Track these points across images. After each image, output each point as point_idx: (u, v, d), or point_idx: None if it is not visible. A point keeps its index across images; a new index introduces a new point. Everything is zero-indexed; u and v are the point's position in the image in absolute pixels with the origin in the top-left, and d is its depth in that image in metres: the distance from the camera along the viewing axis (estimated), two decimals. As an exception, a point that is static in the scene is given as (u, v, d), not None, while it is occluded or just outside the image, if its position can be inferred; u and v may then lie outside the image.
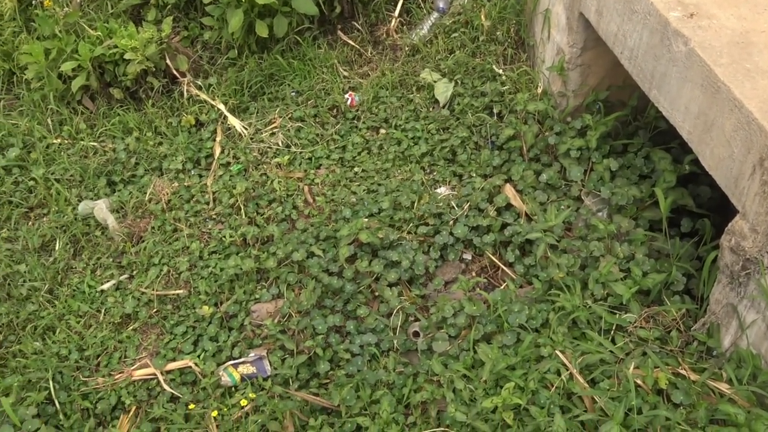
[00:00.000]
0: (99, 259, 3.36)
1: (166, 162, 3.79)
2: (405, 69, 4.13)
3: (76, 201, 3.63)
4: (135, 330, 3.05)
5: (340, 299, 2.96)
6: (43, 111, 4.11)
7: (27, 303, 3.18)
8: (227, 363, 2.84)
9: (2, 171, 3.79)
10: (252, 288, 3.08)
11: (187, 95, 4.12)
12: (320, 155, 3.72)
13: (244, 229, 3.29)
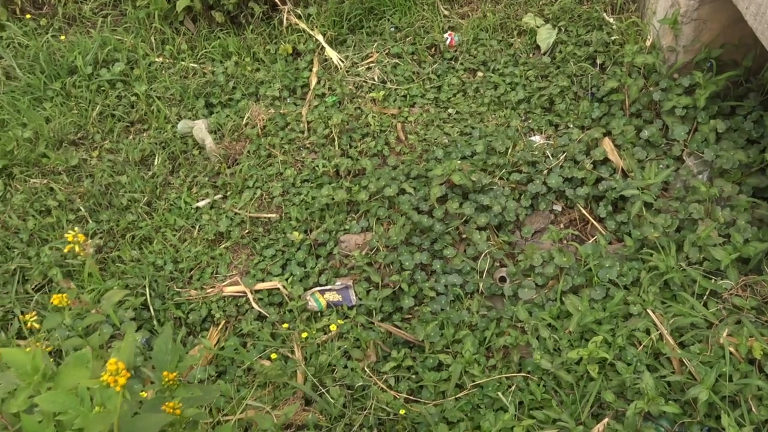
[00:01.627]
0: (195, 177, 3.41)
1: (262, 88, 3.79)
2: (507, 12, 3.99)
3: (176, 119, 3.68)
4: (227, 248, 3.11)
5: (428, 238, 2.94)
6: (147, 29, 4.14)
7: (126, 213, 3.26)
8: (314, 289, 2.87)
9: (107, 85, 3.86)
10: (342, 219, 3.08)
11: (286, 23, 4.08)
12: (415, 93, 3.66)
13: (337, 160, 3.28)
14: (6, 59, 3.97)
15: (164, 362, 1.36)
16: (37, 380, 1.23)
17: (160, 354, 1.35)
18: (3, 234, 3.15)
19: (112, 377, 1.13)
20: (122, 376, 1.14)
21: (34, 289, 2.99)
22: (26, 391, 1.23)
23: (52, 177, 3.41)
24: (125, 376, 1.14)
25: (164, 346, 1.37)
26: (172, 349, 1.36)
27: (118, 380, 1.13)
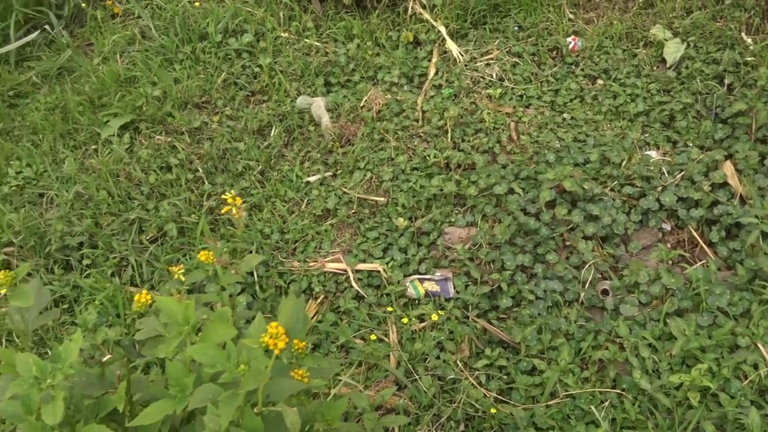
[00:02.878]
0: (308, 153, 3.48)
1: (381, 73, 3.82)
2: (634, 21, 3.89)
3: (295, 94, 3.75)
4: (332, 225, 3.16)
5: (532, 240, 2.91)
6: (277, 4, 4.23)
7: (240, 179, 3.36)
8: (414, 276, 2.89)
9: (234, 54, 3.97)
10: (448, 210, 3.08)
11: (410, 12, 4.09)
12: (532, 94, 3.61)
13: (449, 152, 3.28)
14: (144, 20, 4.14)
15: (295, 330, 1.40)
16: (187, 331, 1.29)
17: (290, 322, 1.39)
18: (126, 185, 3.29)
19: (272, 340, 1.18)
20: (281, 340, 1.18)
21: (149, 239, 3.12)
22: (176, 340, 1.29)
23: (175, 136, 3.54)
24: (284, 340, 1.18)
25: (296, 314, 1.41)
26: (302, 318, 1.40)
27: (278, 344, 1.18)
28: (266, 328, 1.28)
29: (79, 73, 3.91)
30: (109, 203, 3.19)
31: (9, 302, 1.45)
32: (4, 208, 3.21)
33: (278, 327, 1.20)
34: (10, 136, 3.63)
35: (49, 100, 3.77)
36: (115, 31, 4.16)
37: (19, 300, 1.43)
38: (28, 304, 1.42)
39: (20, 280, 1.48)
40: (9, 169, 3.41)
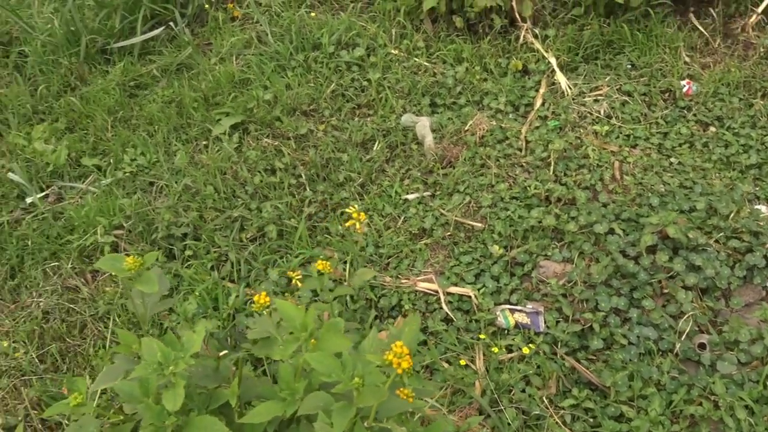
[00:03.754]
0: (409, 170, 3.50)
1: (487, 99, 3.81)
2: (754, 71, 3.77)
3: (400, 111, 3.79)
4: (427, 245, 3.16)
5: (629, 284, 2.84)
6: (390, 21, 4.29)
7: (341, 189, 3.41)
8: (504, 305, 2.86)
9: (344, 66, 4.04)
10: (545, 244, 3.04)
11: (522, 41, 4.08)
12: (639, 135, 3.53)
13: (550, 185, 3.24)
14: (262, 25, 4.26)
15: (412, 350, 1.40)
16: (305, 337, 1.32)
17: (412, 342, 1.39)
18: (232, 183, 3.39)
19: (396, 359, 1.19)
20: (405, 361, 1.19)
21: (248, 238, 3.19)
22: (294, 345, 1.31)
23: (282, 140, 3.63)
24: (408, 361, 1.19)
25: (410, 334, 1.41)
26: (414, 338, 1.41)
27: (402, 363, 1.19)
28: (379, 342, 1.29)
29: (197, 71, 4.05)
30: (215, 199, 3.29)
31: (134, 286, 1.51)
32: (117, 192, 3.35)
33: (402, 347, 1.20)
34: (127, 125, 3.79)
35: (167, 94, 3.92)
36: (233, 33, 4.30)
37: (145, 286, 1.49)
38: (153, 291, 1.48)
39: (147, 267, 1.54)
40: (125, 155, 3.57)
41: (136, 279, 1.50)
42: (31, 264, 3.18)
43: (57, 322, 2.99)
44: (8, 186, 3.49)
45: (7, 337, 2.95)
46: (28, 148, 3.60)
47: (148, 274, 1.51)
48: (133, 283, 1.51)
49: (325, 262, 1.72)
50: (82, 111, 3.84)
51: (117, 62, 4.11)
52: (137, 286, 1.49)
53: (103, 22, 4.17)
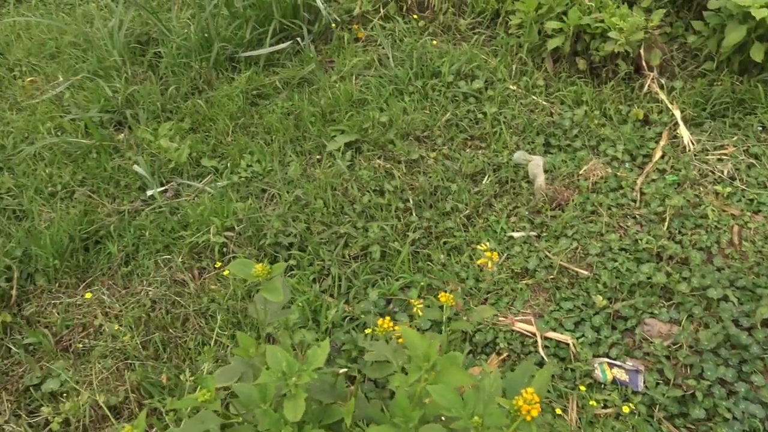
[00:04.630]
0: (516, 208, 3.48)
1: (603, 145, 3.76)
2: None
3: (513, 147, 3.78)
4: (528, 285, 3.13)
5: (739, 355, 2.73)
6: (511, 56, 4.31)
7: (446, 218, 3.42)
8: (603, 359, 2.80)
9: (461, 96, 4.08)
10: (653, 301, 2.96)
11: (646, 90, 4.01)
12: (764, 201, 3.40)
13: (663, 242, 3.16)
14: (384, 48, 4.36)
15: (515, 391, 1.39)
16: (426, 367, 1.34)
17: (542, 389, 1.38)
18: (341, 199, 3.46)
19: (526, 406, 1.19)
20: (535, 409, 1.19)
21: (352, 256, 3.25)
22: (416, 374, 1.33)
23: (393, 163, 3.68)
24: (537, 409, 1.19)
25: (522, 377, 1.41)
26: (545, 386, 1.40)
27: (531, 411, 1.19)
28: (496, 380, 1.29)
29: (317, 87, 4.17)
30: (323, 213, 3.37)
31: (261, 293, 1.56)
32: (232, 195, 3.48)
33: (533, 394, 1.20)
34: (247, 131, 3.94)
35: (286, 106, 4.06)
36: (355, 53, 4.41)
37: (271, 294, 1.55)
38: (278, 300, 1.53)
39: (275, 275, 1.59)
40: (242, 160, 3.71)
41: (263, 286, 1.56)
42: (145, 254, 3.33)
43: (162, 312, 3.11)
44: (132, 177, 3.68)
45: (116, 320, 3.10)
46: (154, 143, 3.79)
47: (274, 282, 1.56)
48: (259, 289, 1.56)
49: (449, 295, 1.73)
50: (206, 114, 4.01)
51: (243, 71, 4.29)
52: (263, 293, 1.55)
53: (234, 32, 4.36)
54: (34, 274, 3.34)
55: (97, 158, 3.80)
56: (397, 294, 3.05)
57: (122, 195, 3.65)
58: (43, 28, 4.86)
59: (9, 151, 3.99)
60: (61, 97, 4.25)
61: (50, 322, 3.16)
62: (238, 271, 1.59)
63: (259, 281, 1.57)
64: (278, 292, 1.54)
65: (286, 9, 4.45)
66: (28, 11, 5.21)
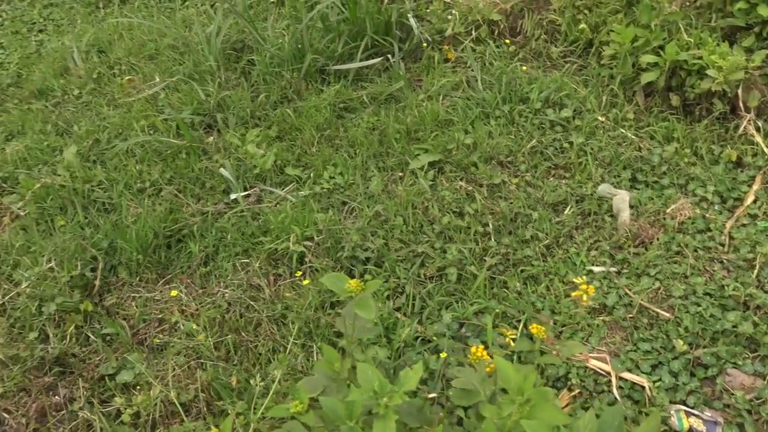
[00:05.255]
0: (597, 242, 3.42)
1: (693, 184, 3.65)
2: None
3: (598, 180, 3.72)
4: (605, 322, 3.06)
5: (827, 417, 2.60)
6: (602, 87, 4.24)
7: (525, 246, 3.38)
8: (680, 406, 2.71)
9: (548, 124, 4.04)
10: (737, 351, 2.85)
11: (741, 131, 3.89)
12: None
13: (752, 290, 3.04)
14: (474, 71, 4.36)
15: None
16: (520, 401, 1.32)
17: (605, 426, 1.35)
18: (421, 218, 3.47)
19: None
20: None
21: (427, 275, 3.24)
22: (510, 408, 1.32)
23: (475, 186, 3.67)
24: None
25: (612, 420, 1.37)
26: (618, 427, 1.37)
27: None
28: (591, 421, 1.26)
29: (404, 104, 4.20)
30: (402, 230, 3.38)
31: (353, 308, 1.57)
32: (314, 205, 3.53)
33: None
34: (332, 143, 3.99)
35: (372, 121, 4.09)
36: (444, 74, 4.43)
37: (362, 310, 1.56)
38: (370, 317, 1.54)
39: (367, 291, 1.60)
40: (325, 171, 3.76)
41: (355, 301, 1.57)
42: (224, 256, 3.41)
43: (236, 315, 3.17)
44: (218, 179, 3.77)
45: (191, 318, 3.17)
46: (241, 148, 3.88)
47: (367, 299, 1.57)
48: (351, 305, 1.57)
49: (540, 327, 1.71)
50: (293, 123, 4.09)
51: (332, 83, 4.35)
52: (355, 308, 1.56)
53: (326, 45, 4.44)
54: (117, 267, 3.45)
55: (186, 159, 3.91)
56: (471, 318, 3.03)
57: (207, 196, 3.74)
58: (145, 30, 5.05)
59: (103, 145, 4.16)
60: (157, 97, 4.40)
61: (128, 314, 3.26)
62: (331, 285, 1.60)
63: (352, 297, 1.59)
64: (370, 309, 1.55)
65: (379, 26, 4.51)
66: (131, 12, 5.43)
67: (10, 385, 2.91)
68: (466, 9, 4.71)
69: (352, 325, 1.68)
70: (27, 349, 3.08)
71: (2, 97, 4.79)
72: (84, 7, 5.68)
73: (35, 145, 4.22)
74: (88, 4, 5.71)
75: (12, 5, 5.93)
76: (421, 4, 4.86)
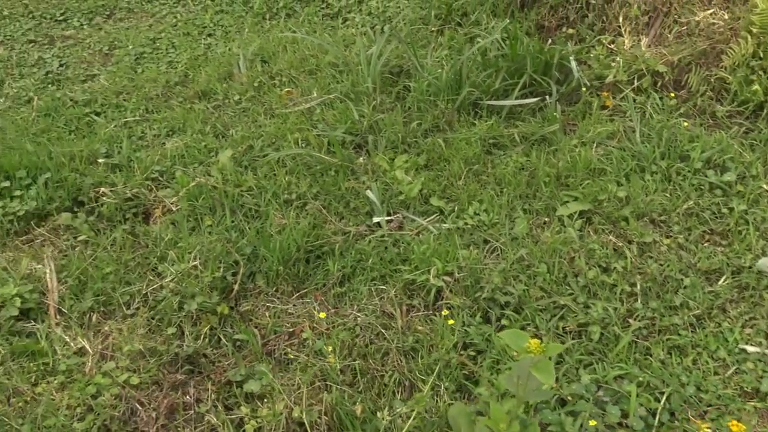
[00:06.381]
0: (753, 319, 3.15)
1: None
2: None
3: (759, 252, 3.44)
4: (756, 409, 2.79)
5: None
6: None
7: (673, 313, 3.17)
8: None
9: (707, 186, 3.79)
10: None
11: None
12: None
13: None
14: (632, 121, 4.17)
15: None
16: None
17: None
18: (566, 268, 3.31)
19: None
20: None
21: (566, 330, 3.09)
22: None
23: (624, 242, 3.48)
24: None
25: None
26: None
27: None
28: None
29: (556, 147, 4.07)
30: (545, 279, 3.25)
31: (530, 369, 1.48)
32: (457, 240, 3.46)
33: None
34: (479, 179, 3.92)
35: (521, 161, 3.99)
36: (600, 121, 4.26)
37: (541, 374, 1.46)
38: (549, 382, 1.44)
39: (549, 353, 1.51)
40: (470, 207, 3.68)
41: (533, 363, 1.48)
42: (361, 279, 3.39)
43: (365, 341, 3.13)
44: (362, 201, 3.77)
45: (321, 337, 3.16)
46: (389, 173, 3.87)
47: (548, 364, 1.48)
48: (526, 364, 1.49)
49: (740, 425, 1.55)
50: (442, 154, 4.04)
51: (485, 117, 4.28)
52: (534, 371, 1.47)
53: (483, 79, 4.38)
54: (256, 274, 3.50)
55: (334, 176, 3.94)
56: (611, 383, 2.86)
57: (350, 216, 3.75)
58: (307, 45, 5.18)
59: (256, 152, 4.26)
60: (312, 111, 4.48)
61: (261, 323, 3.28)
62: (510, 341, 1.52)
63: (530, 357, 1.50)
64: (550, 374, 1.46)
65: (539, 65, 4.41)
66: (296, 26, 5.60)
67: (146, 377, 2.97)
68: (631, 57, 4.53)
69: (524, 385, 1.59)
70: (165, 343, 3.15)
71: (169, 94, 5.03)
72: (252, 17, 5.90)
73: (193, 144, 4.39)
74: (256, 14, 5.93)
75: (187, 8, 6.25)
76: (584, 47, 4.72)
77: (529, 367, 1.46)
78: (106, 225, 3.86)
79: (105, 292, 3.40)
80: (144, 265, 3.56)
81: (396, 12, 5.61)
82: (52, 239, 3.78)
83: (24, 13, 6.32)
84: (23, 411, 2.79)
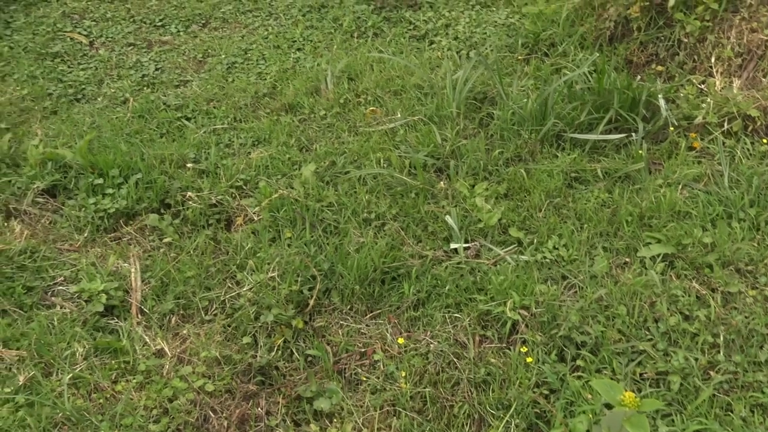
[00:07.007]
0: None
1: None
2: None
3: None
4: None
5: None
6: None
7: (758, 370, 3.00)
8: None
9: (800, 238, 3.60)
10: None
11: None
12: None
13: None
14: (721, 165, 4.00)
15: None
16: None
17: None
18: (647, 312, 3.17)
19: None
20: None
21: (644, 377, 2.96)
22: None
23: (708, 290, 3.32)
24: None
25: None
26: None
27: None
28: None
29: (640, 186, 3.93)
30: (625, 321, 3.12)
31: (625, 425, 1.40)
32: (535, 273, 3.37)
33: None
34: (559, 212, 3.81)
35: (603, 197, 3.87)
36: (687, 162, 4.10)
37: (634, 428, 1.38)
38: (641, 441, 1.36)
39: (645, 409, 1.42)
40: (549, 240, 3.58)
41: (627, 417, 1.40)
42: (436, 305, 3.33)
43: (436, 368, 3.07)
44: (441, 226, 3.72)
45: (393, 360, 3.11)
46: (469, 199, 3.80)
47: (643, 420, 1.40)
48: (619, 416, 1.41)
49: None
50: (523, 184, 3.96)
51: (568, 150, 4.18)
52: (626, 424, 1.39)
53: (569, 111, 4.27)
54: (332, 291, 3.48)
55: (414, 199, 3.90)
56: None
57: (427, 240, 3.70)
58: (394, 65, 5.16)
59: (338, 168, 4.26)
60: (396, 132, 4.45)
61: (333, 341, 3.25)
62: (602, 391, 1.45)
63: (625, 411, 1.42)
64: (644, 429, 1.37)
65: (626, 101, 4.28)
66: (383, 46, 5.59)
67: (220, 384, 2.98)
68: (722, 99, 4.35)
69: (611, 437, 1.51)
70: (239, 352, 3.15)
71: (257, 105, 5.09)
72: (341, 34, 5.93)
73: (278, 155, 4.41)
74: (345, 32, 5.96)
75: (278, 21, 6.33)
76: (673, 85, 4.56)
77: (622, 420, 1.38)
78: (190, 229, 3.91)
79: (185, 296, 3.43)
80: (224, 272, 3.58)
81: (482, 38, 5.55)
82: (139, 239, 3.85)
83: (126, 17, 6.51)
84: (102, 408, 2.83)
